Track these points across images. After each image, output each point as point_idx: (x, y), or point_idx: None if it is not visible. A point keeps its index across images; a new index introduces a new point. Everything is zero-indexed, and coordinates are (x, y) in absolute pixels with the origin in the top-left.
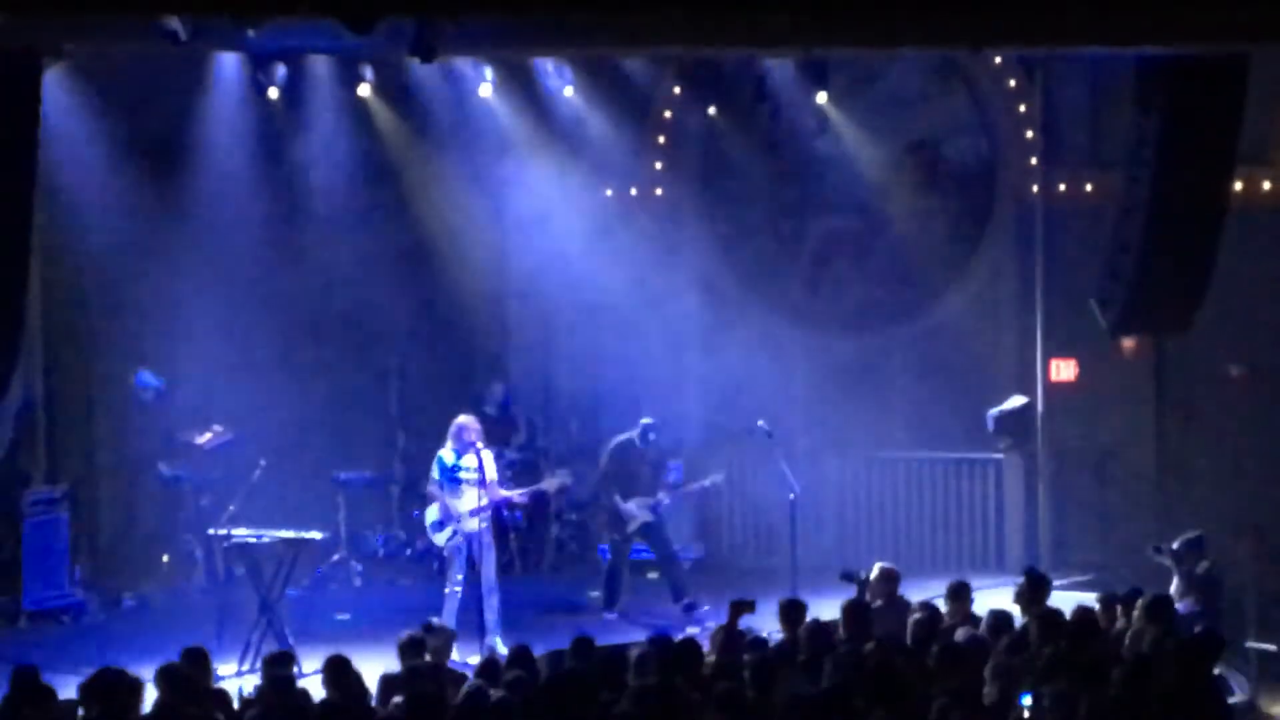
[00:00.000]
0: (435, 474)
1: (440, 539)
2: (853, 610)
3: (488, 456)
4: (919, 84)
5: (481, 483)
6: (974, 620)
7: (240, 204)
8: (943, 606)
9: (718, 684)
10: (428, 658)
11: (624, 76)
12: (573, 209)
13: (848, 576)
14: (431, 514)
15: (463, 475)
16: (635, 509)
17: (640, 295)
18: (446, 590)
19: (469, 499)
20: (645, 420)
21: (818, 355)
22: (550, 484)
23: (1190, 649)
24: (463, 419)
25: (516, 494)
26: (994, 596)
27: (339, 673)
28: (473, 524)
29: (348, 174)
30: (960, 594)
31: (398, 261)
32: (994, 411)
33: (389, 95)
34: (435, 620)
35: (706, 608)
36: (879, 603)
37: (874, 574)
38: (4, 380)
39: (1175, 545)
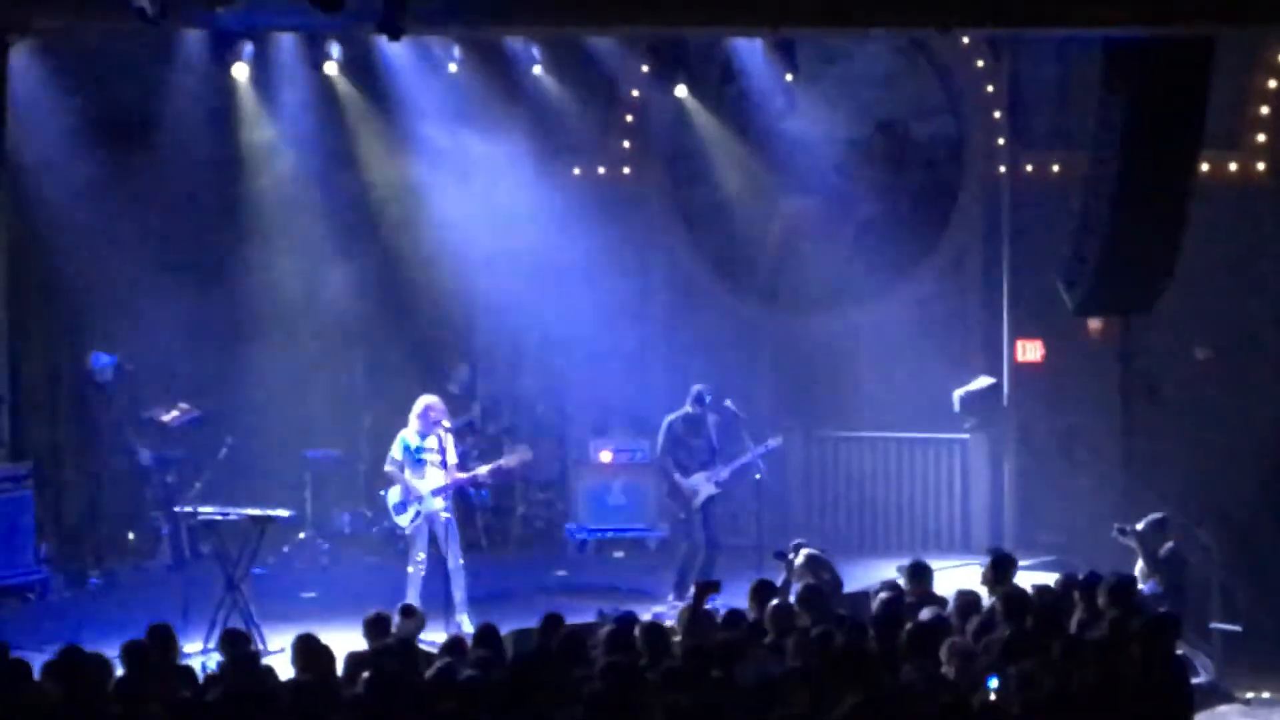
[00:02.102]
0: (397, 454)
1: (403, 520)
2: (809, 593)
3: (449, 439)
4: (887, 64)
5: (444, 464)
6: (938, 600)
7: (204, 182)
8: (904, 585)
9: (683, 664)
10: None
11: (592, 55)
12: (540, 188)
13: (779, 555)
14: (394, 495)
15: (426, 456)
16: (699, 483)
17: (607, 274)
18: (409, 570)
19: (432, 479)
20: (697, 387)
21: (785, 335)
22: (510, 459)
23: (1153, 630)
24: (426, 399)
25: (479, 471)
26: (959, 575)
27: (307, 652)
28: (435, 504)
29: (312, 151)
30: (919, 574)
31: (363, 239)
32: (960, 392)
33: (355, 73)
34: (409, 603)
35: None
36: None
37: (799, 559)
38: None
39: (1139, 526)
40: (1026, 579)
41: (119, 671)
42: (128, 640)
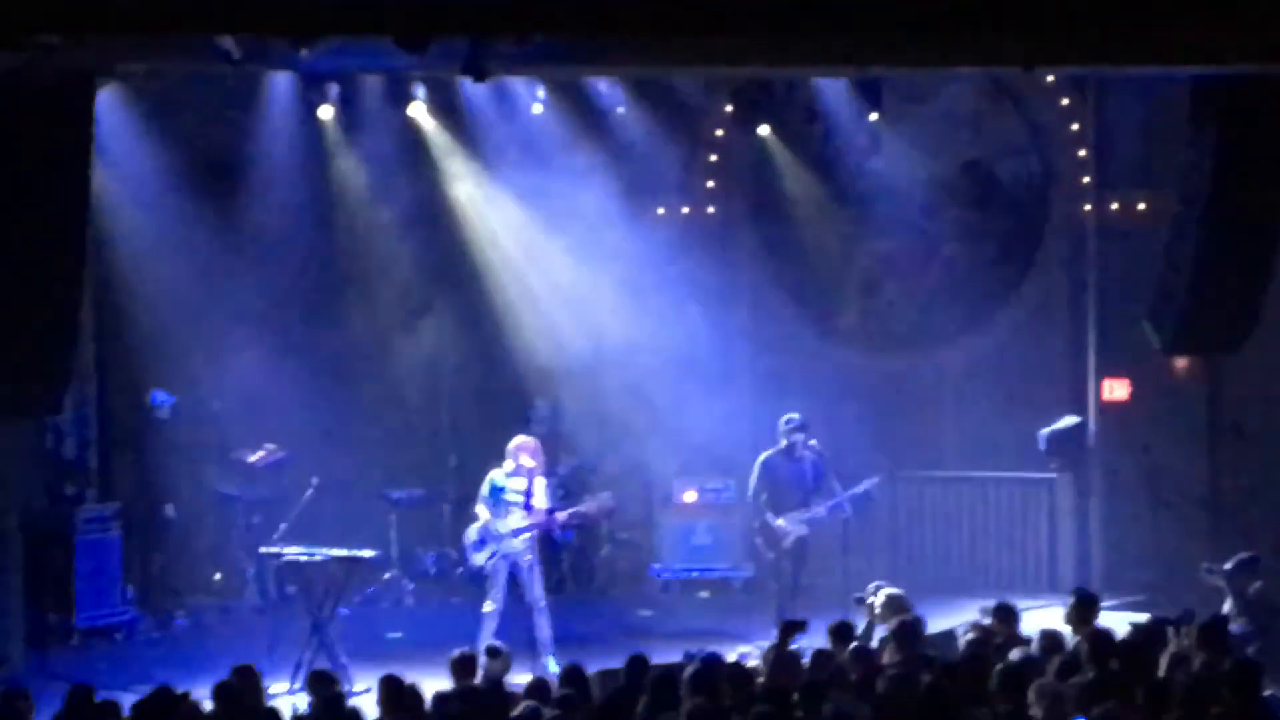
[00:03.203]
0: (485, 490)
1: (479, 558)
2: (903, 630)
3: (539, 482)
4: (971, 104)
5: (526, 505)
6: (1025, 640)
7: (293, 224)
8: (990, 625)
9: (764, 705)
10: (480, 677)
11: (675, 95)
12: (624, 227)
13: (859, 601)
14: (471, 533)
15: (508, 496)
16: (789, 524)
17: (690, 314)
18: (485, 609)
19: (512, 520)
20: (791, 415)
21: (870, 375)
22: (591, 506)
23: (1242, 672)
24: (519, 439)
25: (559, 515)
26: (1044, 616)
27: (392, 693)
28: (514, 544)
29: (399, 192)
30: (1006, 614)
31: (449, 280)
32: (1046, 431)
33: (441, 114)
34: (495, 643)
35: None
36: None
37: (880, 600)
38: (58, 399)
39: (1228, 566)
40: (1113, 619)
41: (206, 711)
42: (218, 681)
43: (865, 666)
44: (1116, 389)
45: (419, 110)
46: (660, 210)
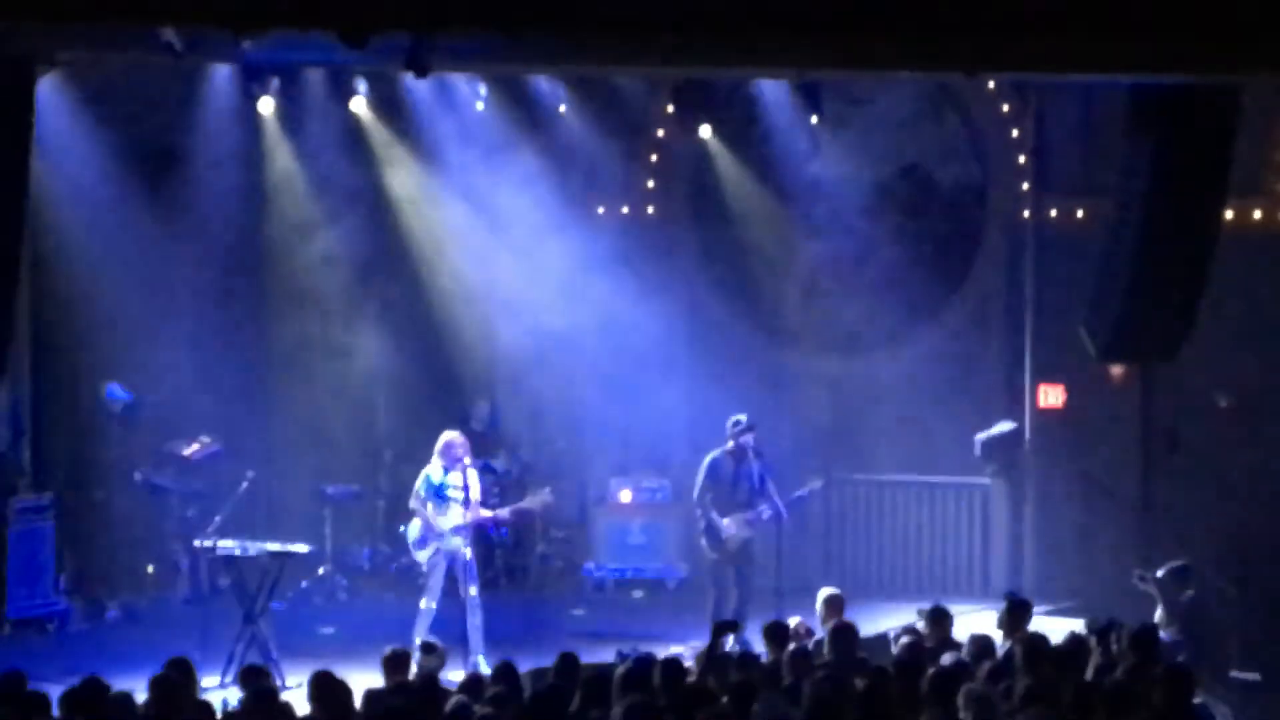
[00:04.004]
0: (421, 490)
1: (422, 556)
2: (837, 634)
3: (473, 475)
4: (911, 108)
5: (466, 501)
6: (957, 645)
7: (230, 215)
8: (922, 629)
9: (697, 706)
10: (414, 672)
11: (617, 95)
12: (564, 226)
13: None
14: (414, 531)
15: (449, 493)
16: (734, 526)
17: (629, 314)
18: (421, 605)
19: (453, 516)
20: (738, 417)
21: (807, 377)
22: (534, 502)
23: (1172, 679)
24: (450, 435)
25: (500, 512)
26: (977, 620)
27: (324, 688)
28: (455, 541)
29: (339, 186)
30: (940, 618)
31: (386, 275)
32: (981, 436)
33: (382, 109)
34: (430, 639)
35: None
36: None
37: (819, 601)
38: None
39: (1160, 573)
40: (1045, 624)
41: (138, 703)
42: (150, 673)
43: (800, 668)
44: (1052, 395)
45: (360, 105)
46: (600, 209)
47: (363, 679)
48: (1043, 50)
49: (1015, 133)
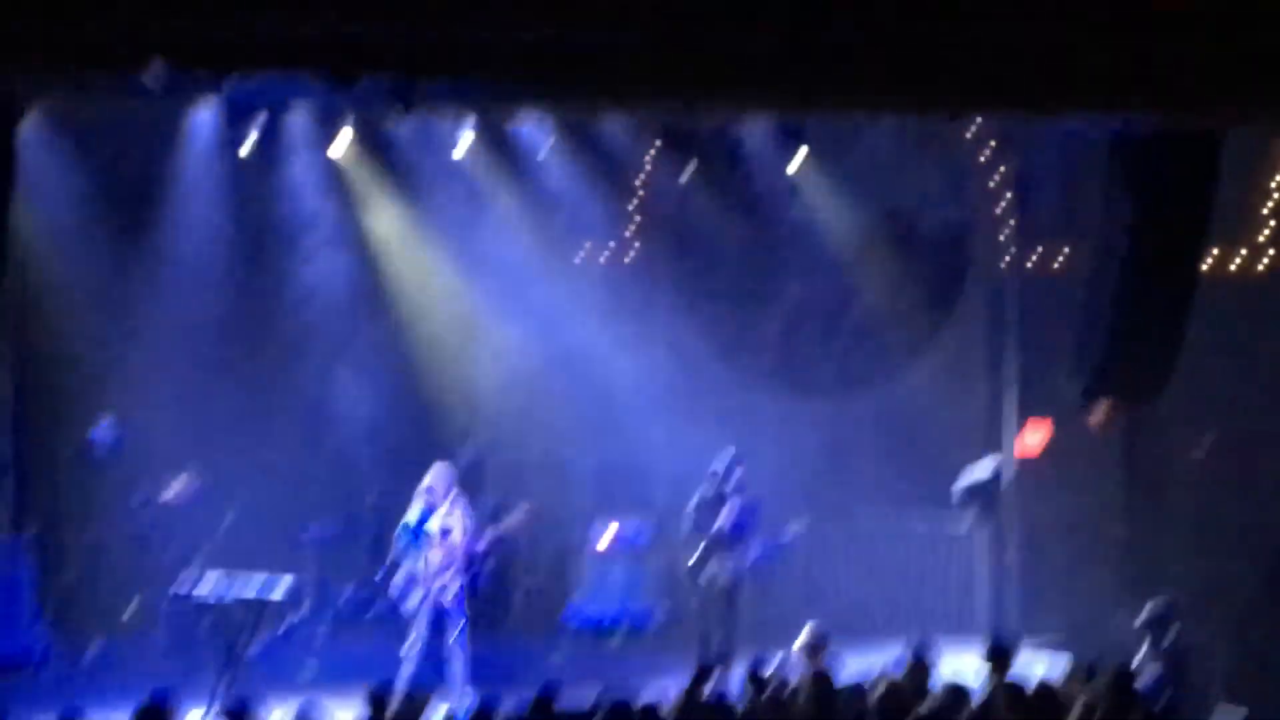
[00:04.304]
0: (400, 542)
1: (412, 602)
2: (816, 683)
3: (457, 511)
4: (894, 152)
5: (445, 538)
6: (931, 694)
7: (211, 257)
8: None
9: None
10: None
11: (601, 136)
12: (547, 268)
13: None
14: (398, 580)
15: (431, 532)
16: (720, 566)
17: (611, 355)
18: (403, 652)
19: (434, 558)
20: (722, 457)
21: (788, 420)
22: (509, 522)
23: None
24: (434, 472)
25: (481, 543)
26: (959, 663)
27: None
28: (440, 580)
29: (321, 227)
30: (918, 668)
31: (368, 316)
32: (959, 485)
33: (365, 151)
34: (410, 683)
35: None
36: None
37: (801, 640)
38: None
39: (1143, 615)
40: (1028, 666)
41: None
42: (136, 707)
43: (777, 713)
44: (1034, 438)
45: (342, 147)
46: (582, 252)
47: (344, 717)
48: (1024, 94)
49: (997, 177)
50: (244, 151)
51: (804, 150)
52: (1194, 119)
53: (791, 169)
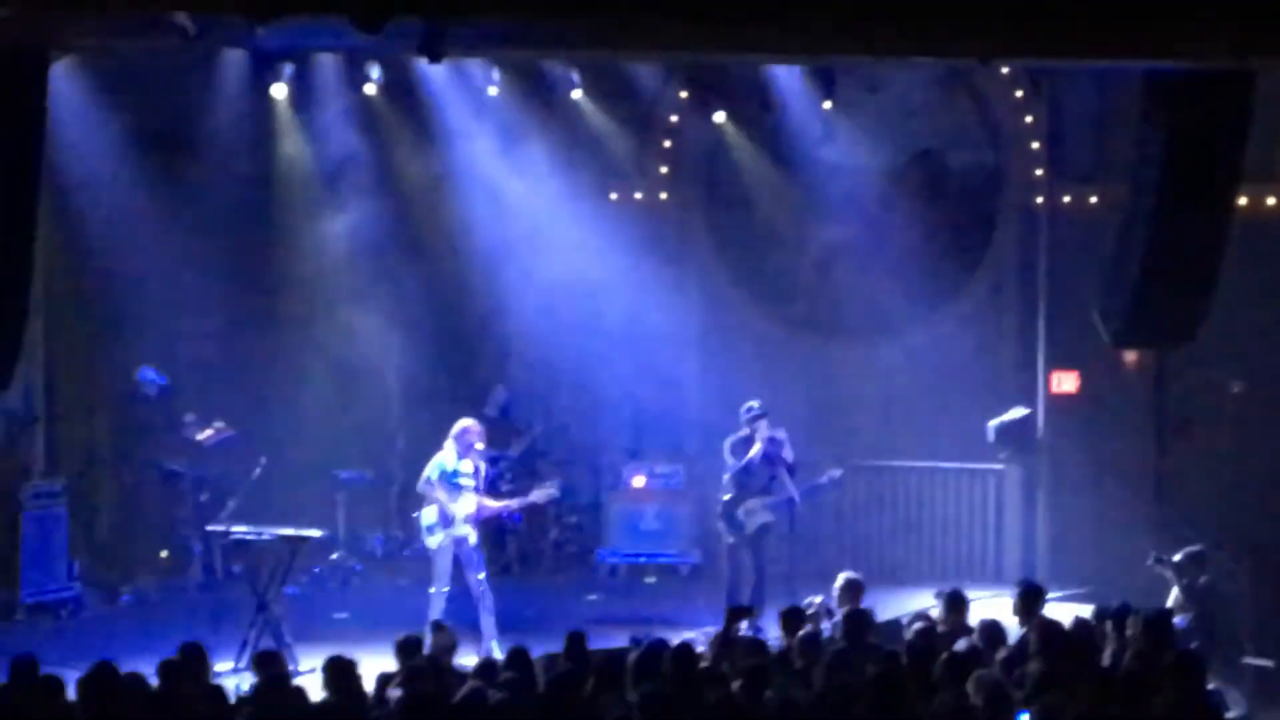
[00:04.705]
0: (434, 475)
1: (433, 542)
2: (851, 620)
3: (482, 464)
4: (925, 94)
5: (478, 488)
6: (967, 631)
7: (243, 202)
8: (936, 615)
9: (710, 689)
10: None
11: (630, 80)
12: (577, 211)
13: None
14: (428, 516)
15: (462, 480)
16: (755, 509)
17: (643, 300)
18: (432, 590)
19: (466, 503)
20: (751, 404)
21: (821, 362)
22: (539, 495)
23: (1185, 664)
24: (465, 422)
25: (510, 503)
26: (990, 606)
27: (339, 674)
28: (464, 529)
29: (352, 172)
30: (955, 604)
31: (399, 260)
32: (994, 423)
33: (395, 95)
34: (439, 620)
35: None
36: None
37: (838, 584)
38: (6, 373)
39: (1177, 558)
40: (1058, 610)
41: (151, 688)
42: (163, 658)
43: (811, 654)
44: (1065, 381)
45: (373, 90)
46: (613, 195)
47: (376, 664)
48: (1056, 37)
49: (1029, 118)
50: (277, 93)
51: (834, 92)
52: (1227, 57)
53: (822, 111)
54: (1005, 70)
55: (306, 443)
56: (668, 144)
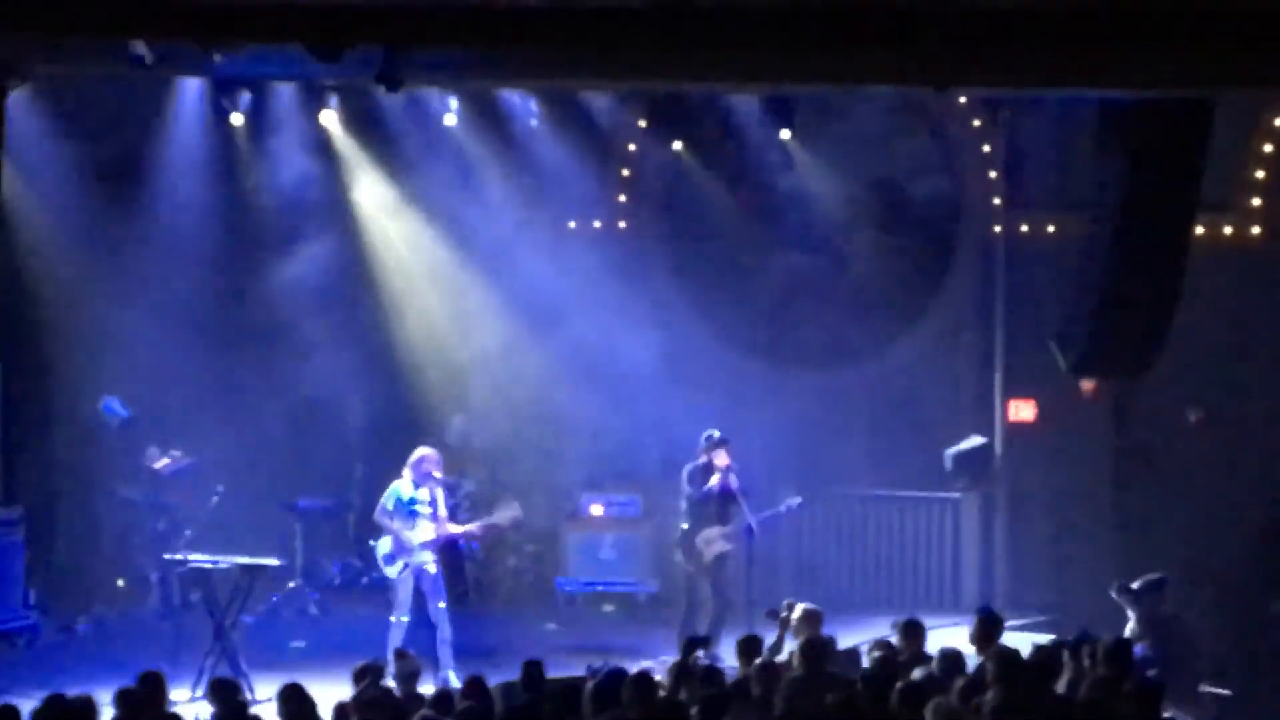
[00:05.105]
0: (389, 504)
1: (391, 571)
2: (809, 647)
3: (439, 491)
4: (883, 123)
5: (434, 516)
6: (925, 659)
7: (199, 230)
8: (895, 643)
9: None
10: (390, 683)
11: (589, 109)
12: (536, 240)
13: (771, 614)
14: (384, 546)
15: (418, 508)
16: (712, 538)
17: (602, 328)
18: (392, 619)
19: (422, 531)
20: (709, 432)
21: (778, 391)
22: (502, 517)
23: (1144, 693)
24: (422, 450)
25: (469, 528)
26: (948, 635)
27: (293, 701)
28: (424, 557)
29: (307, 201)
30: (913, 632)
31: (357, 288)
32: (951, 451)
33: (352, 124)
34: (402, 648)
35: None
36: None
37: (797, 614)
38: None
39: (1136, 586)
40: (1016, 639)
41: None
42: (121, 687)
43: (768, 682)
44: (1023, 410)
45: (330, 119)
46: (572, 224)
47: (333, 692)
48: (1013, 65)
49: (986, 148)
50: (234, 121)
51: (793, 121)
52: (1184, 85)
53: (781, 140)
54: (963, 100)
55: (264, 471)
56: (626, 173)
